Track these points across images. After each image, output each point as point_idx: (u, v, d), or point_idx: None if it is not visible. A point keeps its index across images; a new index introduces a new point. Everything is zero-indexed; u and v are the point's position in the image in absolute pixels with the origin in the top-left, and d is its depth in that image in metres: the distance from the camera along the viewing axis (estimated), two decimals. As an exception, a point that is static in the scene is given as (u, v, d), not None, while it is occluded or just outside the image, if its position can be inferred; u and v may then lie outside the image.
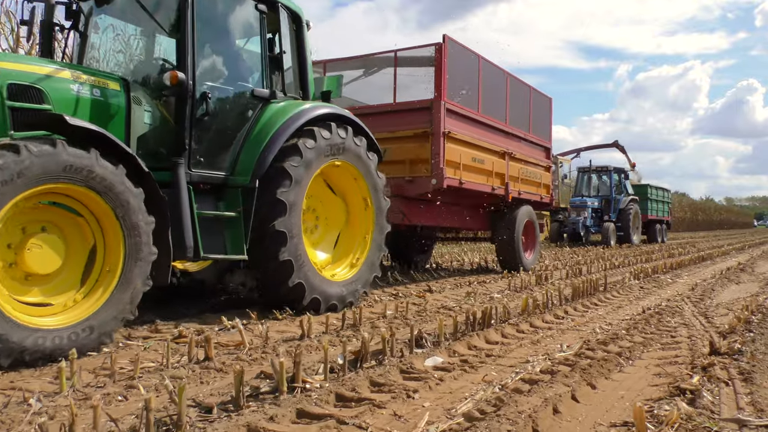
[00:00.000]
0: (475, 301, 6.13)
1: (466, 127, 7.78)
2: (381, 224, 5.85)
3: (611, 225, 19.06)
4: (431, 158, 7.19)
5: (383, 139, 7.03)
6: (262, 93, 5.12)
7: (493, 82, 8.61)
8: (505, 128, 8.85)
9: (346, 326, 4.54)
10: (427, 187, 7.19)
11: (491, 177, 8.40)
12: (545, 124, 10.48)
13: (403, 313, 5.19)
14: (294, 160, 4.94)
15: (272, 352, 3.66)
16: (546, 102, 10.53)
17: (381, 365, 3.33)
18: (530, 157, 9.65)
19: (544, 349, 4.02)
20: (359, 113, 7.29)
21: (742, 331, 4.50)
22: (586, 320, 5.19)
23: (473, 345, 3.95)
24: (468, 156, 7.75)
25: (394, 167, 7.18)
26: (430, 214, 7.99)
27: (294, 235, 4.88)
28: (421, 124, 7.27)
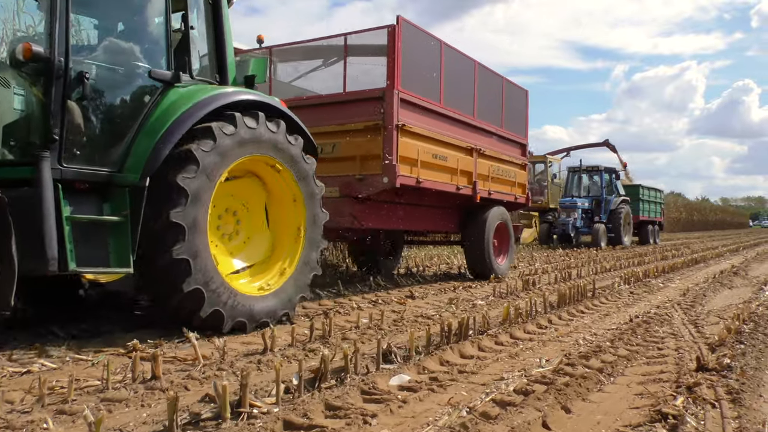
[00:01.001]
0: (457, 309, 5.89)
1: (426, 120, 7.05)
2: (314, 216, 5.09)
3: (601, 226, 18.67)
4: (383, 154, 6.42)
5: (332, 132, 6.67)
6: (162, 75, 4.34)
7: (458, 71, 7.84)
8: (473, 122, 8.08)
9: (314, 338, 4.28)
10: (378, 186, 6.42)
11: (456, 175, 7.65)
12: (520, 119, 9.72)
13: (378, 322, 4.94)
14: (205, 144, 4.19)
15: (228, 369, 3.41)
16: (521, 95, 9.77)
17: (342, 385, 3.09)
18: (503, 154, 8.93)
19: (521, 363, 3.78)
20: (305, 104, 6.83)
21: (732, 342, 4.28)
22: (571, 330, 4.96)
23: (446, 360, 3.70)
24: (427, 152, 7.04)
25: (344, 164, 6.62)
26: (385, 216, 7.23)
27: (196, 232, 4.10)
28: (373, 115, 6.51)
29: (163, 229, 4.00)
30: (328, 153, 6.57)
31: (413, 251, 13.71)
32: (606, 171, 20.02)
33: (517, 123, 9.48)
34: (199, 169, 4.14)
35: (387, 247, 9.39)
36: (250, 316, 4.49)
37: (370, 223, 6.93)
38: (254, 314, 4.53)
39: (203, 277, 4.14)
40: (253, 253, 4.91)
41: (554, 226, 18.81)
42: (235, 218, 4.86)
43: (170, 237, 4.01)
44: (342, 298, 6.39)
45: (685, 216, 54.27)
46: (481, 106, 8.23)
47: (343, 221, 6.45)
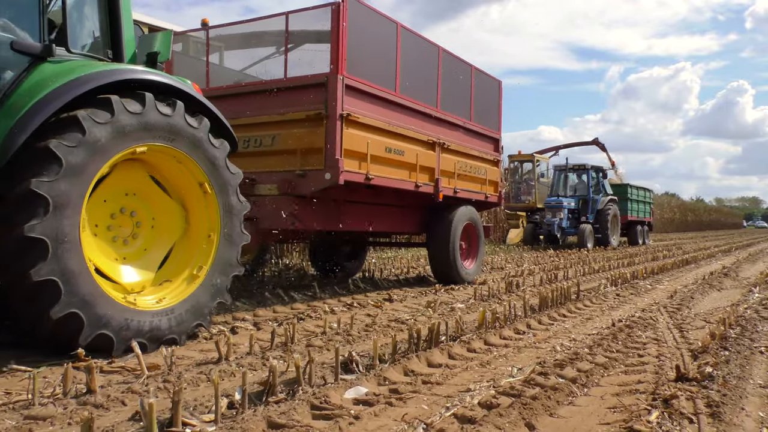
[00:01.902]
0: (434, 313, 5.67)
1: (377, 110, 6.34)
2: (229, 207, 4.40)
3: (588, 227, 18.07)
4: (325, 147, 5.74)
5: (272, 123, 6.07)
6: (28, 47, 3.61)
7: (418, 57, 7.16)
8: (435, 113, 7.40)
9: (276, 345, 4.05)
10: (320, 182, 5.73)
11: (415, 172, 6.97)
12: (492, 112, 9.01)
13: (347, 328, 4.71)
14: (70, 138, 3.43)
15: (175, 381, 3.17)
16: (494, 86, 9.06)
17: (292, 399, 2.86)
18: (472, 149, 8.25)
19: (492, 373, 3.56)
20: (244, 92, 6.33)
21: (716, 349, 4.07)
22: (549, 335, 4.74)
23: (411, 369, 3.48)
24: (380, 145, 6.34)
25: (284, 158, 5.97)
26: (333, 216, 6.52)
27: (64, 246, 3.37)
28: (315, 104, 5.81)
29: (18, 246, 3.28)
30: (267, 145, 6.05)
31: (402, 252, 13.49)
32: (593, 169, 19.52)
33: (488, 116, 8.85)
34: (63, 170, 3.38)
35: (348, 250, 8.90)
36: (150, 335, 3.79)
37: (314, 224, 6.26)
38: (156, 331, 3.83)
39: (80, 298, 3.44)
40: (155, 260, 4.19)
41: (540, 226, 18.28)
42: (134, 220, 4.10)
43: (28, 255, 3.29)
44: (317, 302, 6.17)
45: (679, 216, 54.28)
46: (445, 97, 7.59)
47: (282, 222, 5.86)
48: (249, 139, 6.08)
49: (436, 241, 7.86)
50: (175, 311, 4.01)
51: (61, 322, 3.40)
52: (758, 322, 5.33)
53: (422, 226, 8.07)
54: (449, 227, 7.69)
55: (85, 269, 3.53)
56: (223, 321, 5.00)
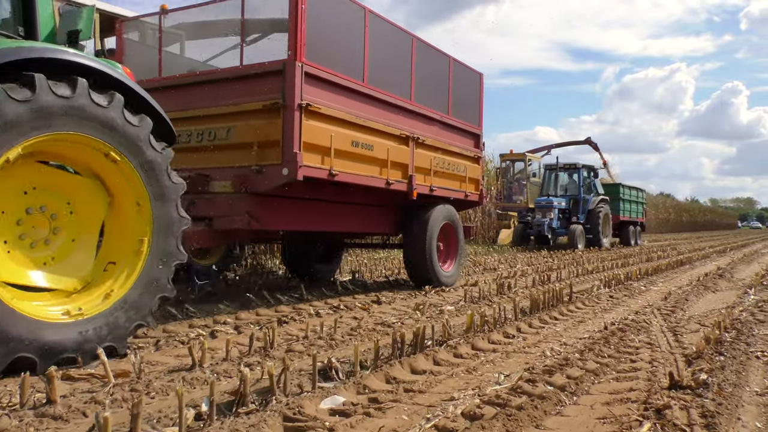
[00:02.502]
0: (422, 316, 5.52)
1: (343, 101, 5.84)
2: (166, 222, 3.88)
3: (578, 227, 17.57)
4: (283, 140, 5.26)
5: (227, 114, 5.57)
6: None
7: (389, 46, 6.68)
8: (409, 106, 6.88)
9: (254, 350, 3.89)
10: (277, 178, 5.24)
11: (386, 168, 6.45)
12: (473, 106, 8.46)
13: (331, 332, 4.56)
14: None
15: (143, 390, 3.01)
16: (474, 78, 8.47)
17: (264, 409, 2.70)
18: (450, 144, 7.74)
19: (478, 380, 3.41)
20: (198, 81, 5.81)
21: (711, 354, 3.93)
22: (540, 339, 4.60)
23: (393, 377, 3.33)
24: (345, 139, 5.85)
25: (240, 153, 5.48)
26: (295, 216, 6.05)
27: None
28: (272, 93, 5.31)
29: None
30: (222, 139, 5.59)
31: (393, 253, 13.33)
32: (584, 169, 19.04)
33: (468, 110, 8.29)
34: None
35: (322, 251, 8.42)
36: (41, 350, 3.23)
37: (274, 224, 5.80)
38: (51, 347, 3.28)
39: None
40: (67, 268, 3.66)
41: (530, 226, 17.77)
42: (46, 215, 3.59)
43: None
44: (303, 304, 6.01)
45: (674, 217, 54.31)
46: (420, 89, 7.07)
47: (237, 222, 5.38)
48: (203, 132, 5.67)
49: (411, 242, 7.41)
50: (80, 327, 3.46)
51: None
52: (754, 325, 5.20)
53: (398, 227, 7.64)
54: (425, 227, 7.25)
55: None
56: (203, 324, 4.84)
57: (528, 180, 20.34)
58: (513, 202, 20.43)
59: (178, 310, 5.26)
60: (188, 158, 5.59)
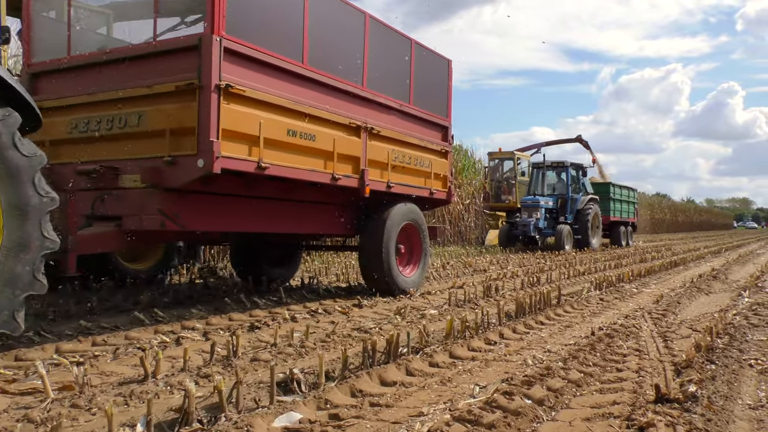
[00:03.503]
0: (402, 320, 5.29)
1: (276, 84, 5.14)
2: (20, 241, 3.39)
3: (566, 227, 16.83)
4: (198, 126, 4.55)
5: (138, 98, 4.85)
6: None
7: (335, 24, 5.90)
8: (361, 93, 6.16)
9: (216, 359, 3.66)
10: (192, 171, 4.54)
11: (332, 161, 5.74)
12: (440, 95, 7.72)
13: (303, 338, 4.32)
14: None
15: (85, 405, 2.78)
16: (442, 65, 7.69)
17: (210, 429, 2.47)
18: (412, 136, 7.02)
19: (452, 392, 3.18)
20: (107, 60, 5.05)
21: (702, 362, 3.71)
22: (523, 346, 4.37)
23: (360, 389, 3.09)
24: (279, 127, 5.13)
25: (151, 142, 4.76)
26: (223, 215, 5.31)
27: None
28: (188, 73, 4.61)
29: None
30: (133, 126, 4.85)
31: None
32: (573, 167, 18.24)
33: (434, 100, 7.57)
34: None
35: (277, 254, 7.76)
36: None
37: (197, 224, 5.09)
38: None
39: None
40: None
41: (515, 227, 17.14)
42: None
43: None
44: (280, 308, 5.77)
45: (669, 217, 54.29)
46: (374, 74, 6.34)
47: (147, 222, 4.74)
48: (113, 119, 4.94)
49: (366, 245, 6.74)
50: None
51: None
52: (747, 330, 5.00)
53: (352, 227, 6.90)
54: (382, 228, 6.56)
55: None
56: (170, 330, 4.59)
57: (516, 179, 19.80)
58: (502, 201, 19.83)
59: (146, 314, 5.02)
60: (98, 148, 5.02)
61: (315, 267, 9.96)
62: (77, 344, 4.03)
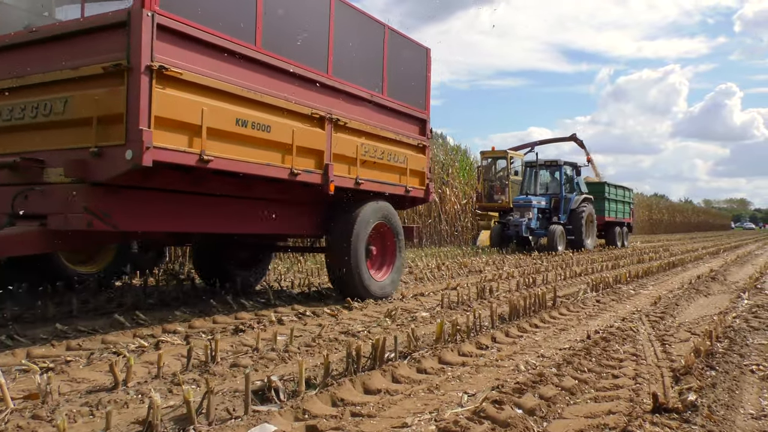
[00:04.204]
0: (392, 323, 5.13)
1: (223, 68, 4.61)
2: None
3: (559, 227, 16.36)
4: (126, 113, 4.01)
5: (63, 82, 4.33)
6: None
7: (295, 4, 5.37)
8: (326, 81, 5.62)
9: (192, 366, 3.49)
10: (118, 164, 4.01)
11: (290, 154, 5.21)
12: (417, 86, 7.17)
13: (287, 342, 4.16)
14: None
15: (46, 417, 2.61)
16: (419, 54, 7.14)
17: (177, 441, 2.30)
18: (384, 130, 6.49)
19: (439, 401, 3.02)
20: (25, 41, 4.54)
21: (702, 368, 3.56)
22: (516, 350, 4.21)
23: (341, 398, 2.93)
24: (226, 116, 4.59)
25: (78, 131, 4.22)
26: (166, 214, 4.79)
27: None
28: (116, 53, 4.05)
29: None
30: (58, 113, 4.33)
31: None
32: (567, 166, 17.70)
33: (411, 91, 7.03)
34: None
35: (244, 256, 7.25)
36: None
37: (133, 224, 4.54)
38: None
39: None
40: None
41: (507, 227, 16.65)
42: None
43: None
44: (267, 310, 5.60)
45: (667, 218, 54.23)
46: (341, 61, 5.80)
47: (72, 221, 4.18)
48: (37, 105, 4.43)
49: (332, 246, 6.24)
50: None
51: None
52: (748, 334, 4.85)
53: (322, 227, 6.39)
54: (350, 228, 6.07)
55: None
56: (149, 334, 4.42)
57: (509, 179, 19.25)
58: (494, 201, 19.31)
59: (127, 317, 4.85)
60: (20, 139, 4.54)
61: (307, 267, 9.79)
62: (50, 349, 3.86)
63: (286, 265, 10.32)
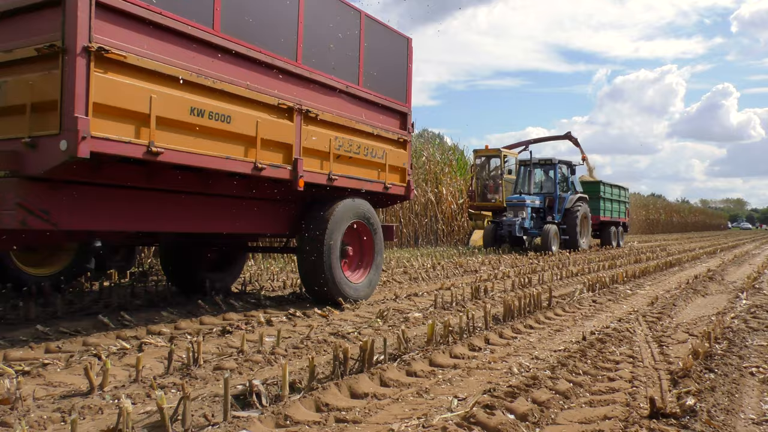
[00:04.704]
0: (384, 324, 5.01)
1: (176, 52, 4.24)
2: None
3: (553, 227, 15.92)
4: (61, 99, 3.64)
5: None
6: None
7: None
8: (295, 69, 5.25)
9: (173, 369, 3.37)
10: (52, 156, 3.65)
11: (254, 147, 4.83)
12: (397, 77, 6.73)
13: (274, 344, 4.04)
14: None
15: (18, 422, 2.49)
16: (399, 44, 6.72)
17: (150, 450, 2.19)
18: (362, 123, 6.10)
19: (428, 405, 2.91)
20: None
21: (700, 371, 3.46)
22: (509, 352, 4.10)
23: (326, 403, 2.81)
24: (179, 104, 4.20)
25: (11, 120, 3.86)
26: (114, 212, 4.36)
27: None
28: (52, 33, 3.71)
29: None
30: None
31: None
32: (561, 164, 17.25)
33: (391, 82, 6.60)
34: None
35: (215, 257, 6.77)
36: None
37: (73, 222, 4.11)
38: None
39: None
40: None
41: (500, 227, 16.23)
42: None
43: None
44: (257, 310, 5.49)
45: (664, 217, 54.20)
46: (313, 49, 5.44)
47: (4, 219, 3.79)
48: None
49: (305, 246, 5.78)
50: None
51: None
52: (747, 335, 4.75)
53: (294, 226, 5.99)
54: (323, 227, 5.68)
55: None
56: (133, 336, 4.30)
57: (503, 177, 18.75)
58: (488, 201, 18.95)
59: (112, 318, 4.73)
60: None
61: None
62: (28, 351, 3.74)
63: (279, 265, 10.20)
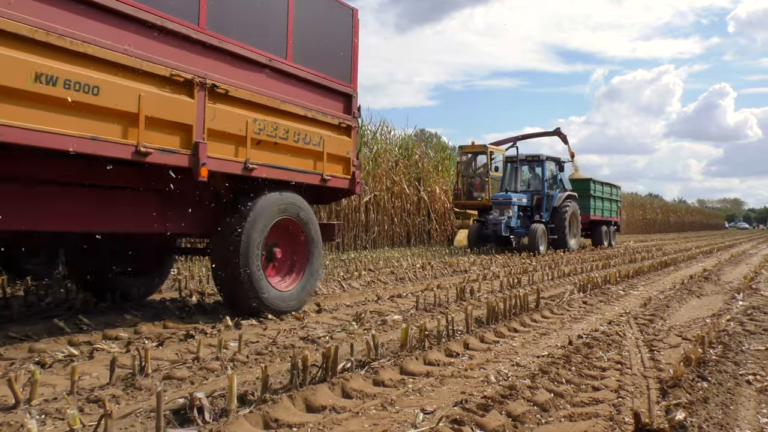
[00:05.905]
0: (360, 327, 4.73)
1: (19, 3, 3.38)
2: None
3: (540, 226, 15.15)
4: None
5: None
6: None
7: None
8: (195, 34, 4.40)
9: (117, 379, 3.08)
10: None
11: (135, 127, 3.95)
12: (340, 54, 5.86)
13: (237, 351, 3.76)
14: None
15: None
16: (341, 14, 5.85)
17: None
18: (291, 103, 5.23)
19: (391, 420, 2.63)
20: None
21: (692, 379, 3.18)
22: (489, 358, 3.83)
23: (275, 418, 2.53)
24: (17, 68, 3.33)
25: None
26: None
27: None
28: None
29: None
30: None
31: (364, 253, 12.54)
32: (549, 161, 16.49)
33: (330, 58, 5.75)
34: None
35: (134, 260, 5.85)
36: None
37: None
38: None
39: None
40: None
41: (486, 226, 15.59)
42: None
43: None
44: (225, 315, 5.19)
45: (661, 217, 54.05)
46: (220, 11, 4.61)
47: None
48: None
49: (218, 246, 4.98)
50: None
51: None
52: (743, 338, 4.48)
53: (206, 224, 5.12)
54: (240, 225, 4.87)
55: None
56: (87, 341, 4.01)
57: (489, 175, 17.98)
58: (474, 199, 18.21)
59: (68, 322, 4.44)
60: None
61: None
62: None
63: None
